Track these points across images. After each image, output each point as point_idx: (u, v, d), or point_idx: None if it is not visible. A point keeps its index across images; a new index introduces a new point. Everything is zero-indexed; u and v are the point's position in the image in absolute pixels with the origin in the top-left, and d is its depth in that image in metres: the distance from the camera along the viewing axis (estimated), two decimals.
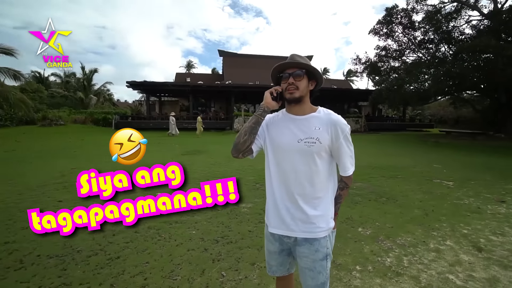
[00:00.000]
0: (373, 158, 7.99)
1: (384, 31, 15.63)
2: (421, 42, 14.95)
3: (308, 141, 1.05)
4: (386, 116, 26.41)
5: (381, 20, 15.26)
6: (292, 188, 1.09)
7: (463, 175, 5.79)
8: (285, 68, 1.11)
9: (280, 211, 1.12)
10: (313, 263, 1.10)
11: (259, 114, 1.10)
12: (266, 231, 1.23)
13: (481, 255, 2.39)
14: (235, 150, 1.11)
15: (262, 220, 3.10)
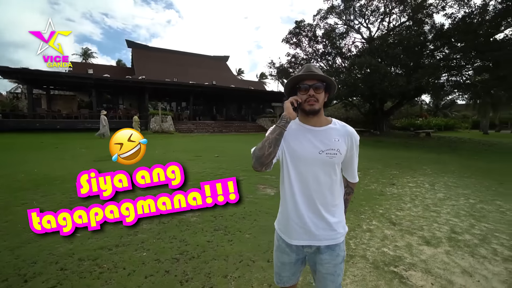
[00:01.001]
0: None
1: (294, 41, 17.72)
2: (322, 54, 17.74)
3: (329, 152, 1.09)
4: None
5: (291, 31, 17.28)
6: (315, 199, 1.12)
7: (363, 165, 7.20)
8: (304, 79, 1.12)
9: (303, 222, 1.13)
10: (334, 268, 1.15)
11: (282, 125, 1.07)
12: (279, 243, 1.22)
13: (396, 228, 3.07)
14: (258, 163, 1.04)
15: (217, 228, 2.98)
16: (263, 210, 3.58)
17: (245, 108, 28.53)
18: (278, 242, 1.23)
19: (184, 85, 21.00)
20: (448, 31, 13.07)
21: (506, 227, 3.19)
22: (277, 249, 1.25)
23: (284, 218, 1.18)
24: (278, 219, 1.25)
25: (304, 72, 1.13)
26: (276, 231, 1.25)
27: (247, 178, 5.37)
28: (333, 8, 16.35)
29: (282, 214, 1.20)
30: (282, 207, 1.21)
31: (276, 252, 1.25)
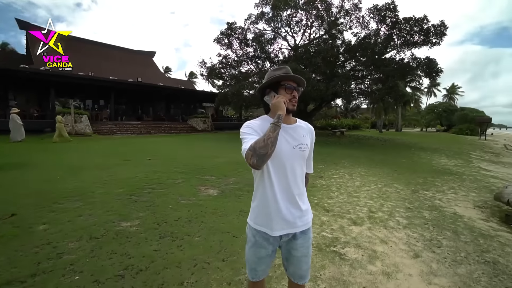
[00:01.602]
0: (232, 154, 9.02)
1: (225, 42, 17.85)
2: (252, 57, 18.48)
3: (300, 146, 1.23)
4: (227, 117, 30.12)
5: (223, 31, 17.36)
6: (293, 189, 1.22)
7: None
8: (290, 79, 1.22)
9: (283, 213, 1.20)
10: (307, 249, 1.28)
11: (279, 124, 1.11)
12: (256, 239, 1.25)
13: (330, 214, 3.54)
14: (262, 161, 1.05)
15: (163, 235, 2.78)
16: (208, 211, 3.52)
17: (174, 108, 26.99)
18: (255, 237, 1.25)
19: (103, 80, 18.33)
20: (354, 47, 15.63)
21: (402, 203, 4.10)
22: (253, 245, 1.26)
23: (264, 212, 1.22)
24: (254, 215, 1.27)
25: (284, 73, 1.22)
26: (252, 227, 1.27)
27: (186, 180, 5.15)
28: (263, 14, 17.27)
29: (260, 208, 1.23)
30: (259, 201, 1.24)
31: (251, 248, 1.27)
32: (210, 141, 14.41)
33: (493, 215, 3.74)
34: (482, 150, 13.93)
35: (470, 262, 2.40)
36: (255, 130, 1.18)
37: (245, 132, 1.18)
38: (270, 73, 1.27)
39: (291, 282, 1.35)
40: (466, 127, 31.51)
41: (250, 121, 1.24)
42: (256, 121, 1.25)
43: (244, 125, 1.22)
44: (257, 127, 1.20)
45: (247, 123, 1.23)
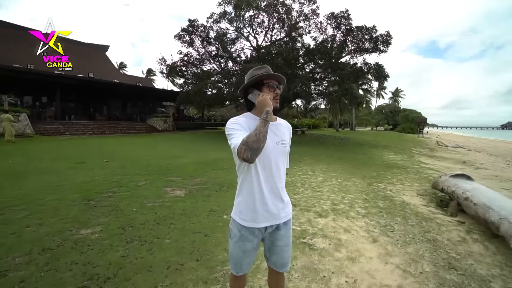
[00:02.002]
0: (196, 154, 8.83)
1: (186, 39, 17.29)
2: (215, 55, 18.23)
3: (282, 142, 1.30)
4: (189, 116, 29.23)
5: (185, 28, 16.77)
6: (277, 183, 1.28)
7: None
8: (273, 78, 1.28)
9: (268, 205, 1.25)
10: (288, 239, 1.37)
11: (268, 119, 1.15)
12: (242, 233, 1.28)
13: (297, 208, 3.71)
14: (255, 154, 1.09)
15: (130, 240, 2.64)
16: (177, 213, 3.43)
17: (131, 106, 25.27)
18: (240, 232, 1.28)
19: (47, 75, 16.21)
20: (313, 50, 16.48)
21: (360, 195, 4.50)
22: (238, 240, 1.29)
23: (250, 206, 1.26)
24: (239, 210, 1.30)
25: (265, 72, 1.27)
26: (237, 222, 1.29)
27: (150, 182, 4.91)
28: (225, 14, 17.13)
29: (247, 202, 1.26)
30: (245, 196, 1.27)
31: (237, 243, 1.29)
32: (173, 141, 13.85)
33: (431, 201, 4.34)
34: (421, 146, 15.91)
35: (416, 242, 2.77)
36: (242, 126, 1.20)
37: (232, 128, 1.19)
38: (251, 73, 1.31)
39: (273, 271, 1.43)
40: (408, 126, 35.56)
41: (235, 118, 1.26)
42: (241, 117, 1.27)
43: (231, 122, 1.23)
44: (243, 123, 1.22)
45: (233, 119, 1.24)
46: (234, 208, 1.33)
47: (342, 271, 2.18)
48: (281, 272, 1.41)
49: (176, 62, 17.69)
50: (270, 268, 1.43)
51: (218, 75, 17.65)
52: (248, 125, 1.21)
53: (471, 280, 2.14)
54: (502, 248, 2.68)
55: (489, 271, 2.30)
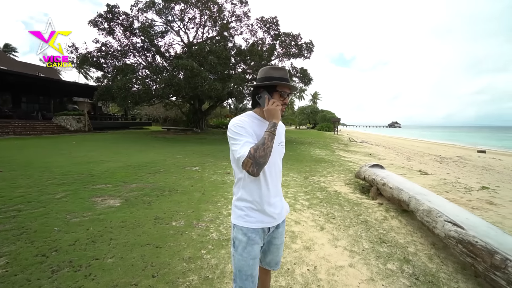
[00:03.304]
0: (125, 157, 7.84)
1: (105, 27, 15.01)
2: (141, 48, 16.48)
3: (281, 144, 1.33)
4: (109, 114, 25.64)
5: (102, 14, 14.45)
6: (278, 183, 1.31)
7: (198, 160, 7.79)
8: (287, 87, 1.23)
9: (273, 206, 1.25)
10: (283, 236, 1.39)
11: (275, 132, 1.14)
12: (251, 237, 1.20)
13: None
14: (261, 169, 1.09)
15: (56, 268, 2.15)
16: (115, 225, 2.98)
17: (27, 102, 20.35)
18: (247, 235, 1.20)
19: None
20: (244, 51, 16.93)
21: (300, 189, 4.89)
22: (246, 245, 1.20)
23: (257, 207, 1.22)
24: (244, 213, 1.22)
25: (282, 76, 1.22)
26: (242, 227, 1.21)
27: (72, 193, 4.09)
28: (153, 4, 15.62)
29: (253, 204, 1.22)
30: (250, 198, 1.22)
31: (245, 250, 1.20)
32: (92, 143, 11.86)
33: (356, 188, 5.11)
34: (338, 142, 18.44)
35: (353, 224, 3.22)
36: (247, 131, 1.16)
37: (237, 133, 1.14)
38: (267, 72, 1.24)
39: (263, 271, 1.41)
40: (326, 125, 40.59)
41: (239, 119, 1.20)
42: (244, 118, 1.22)
43: (235, 123, 1.17)
44: (248, 126, 1.18)
45: (238, 121, 1.18)
46: (235, 213, 1.26)
47: (302, 261, 2.33)
48: (272, 270, 1.43)
49: (92, 52, 15.19)
50: (260, 268, 1.41)
51: (144, 70, 16.07)
52: (252, 127, 1.19)
53: (396, 249, 2.62)
54: (410, 220, 3.39)
55: (405, 239, 2.87)
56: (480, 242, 1.95)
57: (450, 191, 5.43)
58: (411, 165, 9.44)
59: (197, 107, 20.53)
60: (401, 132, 75.84)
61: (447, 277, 2.19)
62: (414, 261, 2.42)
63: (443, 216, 2.49)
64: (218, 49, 14.90)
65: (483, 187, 6.06)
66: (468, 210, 4.08)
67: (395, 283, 2.07)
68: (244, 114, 1.25)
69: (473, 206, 4.43)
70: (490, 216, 3.92)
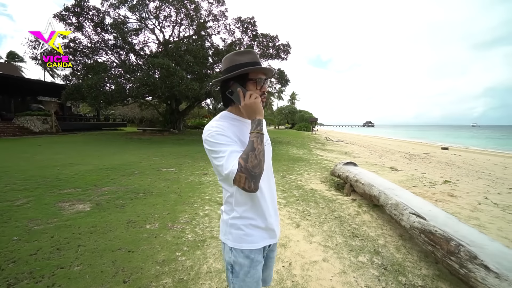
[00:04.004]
0: (97, 160, 7.44)
1: (72, 21, 14.11)
2: (112, 46, 15.73)
3: (268, 142, 1.10)
4: (79, 115, 24.19)
5: (69, 8, 13.54)
6: (274, 193, 1.11)
7: (175, 162, 7.61)
8: (261, 71, 1.00)
9: (274, 216, 1.09)
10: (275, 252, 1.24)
11: (262, 131, 0.92)
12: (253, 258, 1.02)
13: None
14: (259, 181, 0.86)
15: (14, 281, 2.00)
16: (84, 231, 2.83)
17: None
18: (249, 257, 1.01)
19: None
20: (222, 51, 16.80)
21: (277, 187, 4.95)
22: (249, 270, 1.02)
23: (259, 225, 1.02)
24: (245, 234, 1.01)
25: (252, 60, 0.98)
26: (244, 250, 1.01)
27: (35, 198, 3.82)
28: (125, 0, 14.98)
29: (254, 221, 1.02)
30: (248, 215, 1.01)
31: (248, 275, 1.02)
32: (60, 145, 11.11)
33: (331, 185, 5.28)
34: (315, 142, 18.92)
35: (328, 220, 3.32)
36: (230, 138, 0.94)
37: (218, 143, 0.91)
38: (232, 59, 0.99)
39: None
40: (304, 125, 41.46)
41: (215, 124, 0.96)
42: (221, 122, 0.99)
43: (212, 132, 0.93)
44: (228, 131, 0.95)
45: (215, 127, 0.95)
46: (233, 234, 1.02)
47: (278, 258, 2.37)
48: (267, 286, 1.25)
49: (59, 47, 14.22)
50: None
51: (118, 69, 15.36)
52: (233, 131, 0.97)
53: (367, 242, 2.75)
54: (381, 214, 3.58)
55: (376, 232, 3.02)
56: (439, 231, 2.11)
57: (417, 186, 5.79)
58: (383, 162, 9.93)
59: (174, 107, 20.02)
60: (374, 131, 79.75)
61: (412, 265, 2.33)
62: (383, 252, 2.55)
63: (408, 209, 2.65)
64: (194, 48, 14.65)
65: (445, 181, 6.53)
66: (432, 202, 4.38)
67: (365, 274, 2.17)
68: (219, 117, 1.02)
69: (436, 199, 4.76)
70: (451, 207, 4.24)
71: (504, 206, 4.44)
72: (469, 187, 6.04)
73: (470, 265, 1.69)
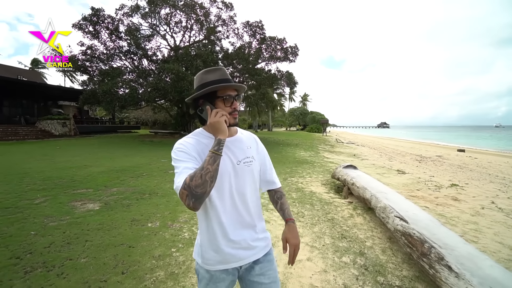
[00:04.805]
0: (110, 162, 7.88)
1: (90, 30, 14.91)
2: (127, 52, 16.44)
3: (246, 161, 1.05)
4: (96, 118, 25.31)
5: (87, 17, 14.36)
6: (243, 214, 1.03)
7: None
8: (229, 88, 1.00)
9: (235, 242, 1.01)
10: (274, 273, 1.10)
11: (220, 151, 0.89)
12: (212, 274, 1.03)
13: None
14: (200, 201, 0.83)
15: (29, 269, 2.27)
16: (92, 228, 3.10)
17: (10, 106, 19.86)
18: (209, 273, 1.03)
19: None
20: (231, 54, 17.12)
21: None
22: (208, 283, 1.03)
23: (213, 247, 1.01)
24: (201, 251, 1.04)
25: (220, 77, 1.00)
26: (203, 266, 1.03)
27: (52, 198, 4.17)
28: (138, 8, 15.63)
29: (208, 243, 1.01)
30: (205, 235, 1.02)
31: (207, 286, 1.03)
32: (77, 148, 11.77)
33: (331, 188, 5.36)
34: (324, 144, 18.84)
35: (320, 222, 3.44)
36: (189, 154, 0.94)
37: (177, 159, 0.93)
38: (201, 78, 1.02)
39: None
40: (315, 126, 41.20)
41: (181, 141, 0.99)
42: (190, 138, 1.01)
43: (176, 148, 0.96)
44: (191, 148, 0.96)
45: (179, 144, 0.97)
46: (195, 248, 1.09)
47: None
48: None
49: (77, 55, 15.05)
50: None
51: (131, 74, 16.03)
52: (198, 149, 0.97)
53: (354, 244, 2.86)
54: (373, 216, 3.65)
55: (365, 234, 3.11)
56: (416, 234, 2.20)
57: (421, 189, 5.75)
58: (392, 164, 9.82)
59: (185, 110, 20.53)
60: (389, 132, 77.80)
61: (394, 266, 2.43)
62: (368, 254, 2.65)
63: (394, 212, 2.74)
64: (204, 53, 15.05)
65: (452, 184, 6.43)
66: (432, 206, 4.41)
67: (345, 273, 2.29)
68: (192, 134, 1.05)
69: (438, 203, 4.74)
70: (450, 211, 4.23)
71: (509, 211, 4.37)
72: (477, 191, 5.93)
73: (437, 266, 1.78)
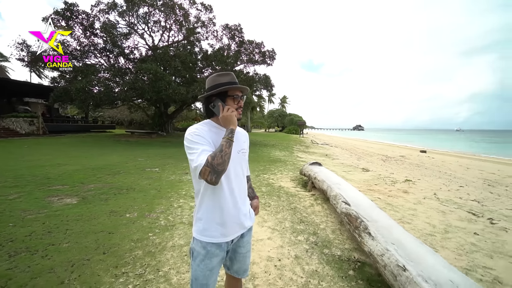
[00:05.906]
0: (85, 160, 7.83)
1: (62, 25, 14.38)
2: (102, 49, 16.02)
3: (242, 151, 1.31)
4: (67, 117, 24.18)
5: (59, 11, 13.81)
6: (241, 192, 1.27)
7: (160, 162, 8.07)
8: (238, 90, 1.25)
9: (236, 217, 1.23)
10: (249, 245, 1.37)
11: (233, 138, 1.13)
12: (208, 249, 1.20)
13: None
14: (220, 177, 1.07)
15: (14, 253, 2.48)
16: (71, 219, 3.31)
17: None
18: (206, 249, 1.20)
19: None
20: (210, 56, 17.35)
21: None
22: (204, 258, 1.20)
23: (217, 221, 1.20)
24: (203, 228, 1.21)
25: (230, 80, 1.24)
26: (201, 240, 1.20)
27: (26, 194, 4.25)
28: (115, 5, 15.31)
29: (213, 218, 1.20)
30: (210, 211, 1.20)
31: (202, 262, 1.20)
32: (47, 147, 11.35)
33: (299, 183, 5.88)
34: (300, 144, 19.64)
35: (283, 210, 3.91)
36: (205, 139, 1.15)
37: (194, 141, 1.12)
38: (214, 79, 1.26)
39: (231, 278, 1.42)
40: (293, 128, 42.33)
41: (196, 127, 1.20)
42: (202, 126, 1.22)
43: (192, 132, 1.16)
44: (206, 134, 1.17)
45: (195, 129, 1.18)
46: (196, 226, 1.24)
47: None
48: (243, 278, 1.42)
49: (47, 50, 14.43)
50: (229, 275, 1.42)
51: (107, 72, 15.67)
52: (211, 136, 1.19)
53: (310, 226, 3.35)
54: (330, 206, 4.19)
55: (321, 219, 3.62)
56: (354, 213, 2.72)
57: (378, 184, 6.47)
58: (359, 163, 10.64)
59: (163, 110, 20.40)
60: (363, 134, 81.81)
61: (339, 242, 2.94)
62: (320, 233, 3.15)
63: (341, 198, 3.27)
64: (182, 53, 15.15)
65: (406, 180, 7.25)
66: (384, 197, 5.04)
67: (298, 248, 2.76)
68: (202, 123, 1.25)
69: (390, 195, 5.42)
70: (398, 201, 4.90)
71: (444, 200, 5.15)
72: (425, 185, 6.77)
73: (363, 234, 2.30)
